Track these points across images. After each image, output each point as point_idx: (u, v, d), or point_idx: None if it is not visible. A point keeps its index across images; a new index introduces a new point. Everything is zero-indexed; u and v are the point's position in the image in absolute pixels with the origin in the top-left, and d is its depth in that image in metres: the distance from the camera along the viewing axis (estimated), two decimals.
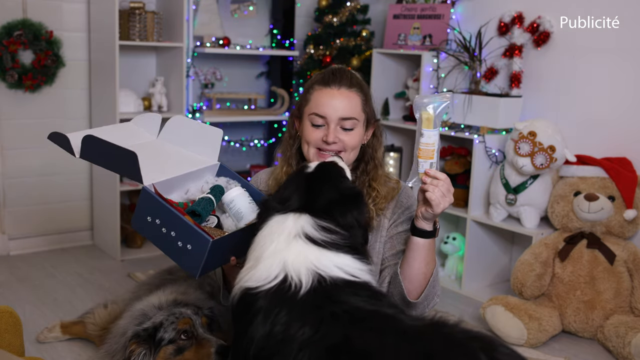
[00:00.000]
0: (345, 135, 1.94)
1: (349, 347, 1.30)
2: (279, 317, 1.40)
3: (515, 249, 3.68)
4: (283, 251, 1.53)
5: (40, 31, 3.57)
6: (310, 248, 1.54)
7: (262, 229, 1.61)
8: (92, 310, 2.72)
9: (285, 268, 1.49)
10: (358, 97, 1.95)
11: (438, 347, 1.28)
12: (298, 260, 1.50)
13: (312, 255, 1.52)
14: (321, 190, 1.66)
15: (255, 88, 4.46)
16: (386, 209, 2.03)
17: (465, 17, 3.78)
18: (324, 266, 1.50)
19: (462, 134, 3.48)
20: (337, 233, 1.58)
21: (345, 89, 1.94)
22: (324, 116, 1.93)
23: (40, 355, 2.57)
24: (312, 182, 1.69)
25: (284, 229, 1.57)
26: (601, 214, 3.02)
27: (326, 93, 1.94)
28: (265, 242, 1.57)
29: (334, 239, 1.56)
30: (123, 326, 2.11)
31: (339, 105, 1.92)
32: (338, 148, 1.94)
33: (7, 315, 1.85)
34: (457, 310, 3.30)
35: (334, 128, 1.93)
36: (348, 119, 1.93)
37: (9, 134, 3.67)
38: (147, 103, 3.89)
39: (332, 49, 4.21)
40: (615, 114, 3.24)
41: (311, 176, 1.72)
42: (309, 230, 1.55)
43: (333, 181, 1.71)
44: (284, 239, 1.55)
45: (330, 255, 1.53)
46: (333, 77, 1.95)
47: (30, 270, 3.51)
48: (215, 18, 4.07)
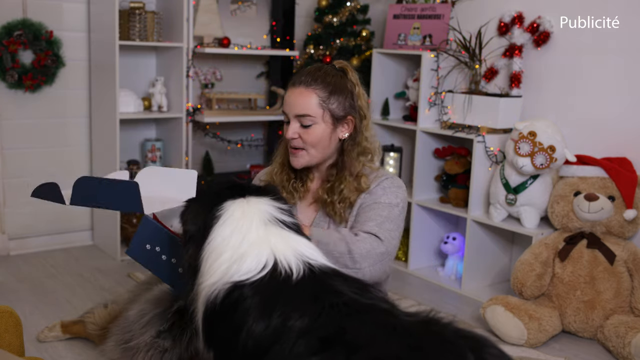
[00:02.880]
0: (304, 132, 2.07)
1: (342, 339, 1.31)
2: (277, 308, 1.39)
3: (515, 249, 3.68)
4: (266, 237, 1.52)
5: (40, 31, 3.57)
6: (286, 232, 1.56)
7: (223, 215, 1.58)
8: (92, 310, 2.71)
9: (274, 255, 1.48)
10: (315, 94, 2.05)
11: (427, 344, 1.28)
12: (283, 247, 1.51)
13: (291, 241, 1.53)
14: (247, 187, 1.71)
15: (255, 88, 4.46)
16: (358, 198, 2.10)
17: (465, 17, 3.78)
18: (304, 252, 1.52)
19: (462, 134, 3.48)
20: (293, 215, 1.63)
21: (303, 87, 2.07)
22: (286, 113, 2.10)
23: (40, 355, 2.57)
24: (235, 186, 1.73)
25: (252, 213, 1.57)
26: (601, 214, 3.02)
27: (290, 92, 2.10)
28: (241, 229, 1.54)
29: (293, 221, 1.61)
30: (142, 309, 2.03)
31: (294, 102, 2.07)
32: (300, 144, 2.08)
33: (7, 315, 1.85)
34: (457, 310, 3.30)
35: (293, 125, 2.08)
36: (303, 116, 2.06)
37: (9, 134, 3.67)
38: (147, 103, 3.89)
39: (332, 49, 4.21)
40: (615, 114, 3.24)
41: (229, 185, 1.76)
42: (277, 214, 1.59)
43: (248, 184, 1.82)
44: (260, 225, 1.55)
45: (300, 239, 1.57)
46: (299, 77, 2.09)
47: (30, 270, 3.51)
48: (215, 18, 4.07)
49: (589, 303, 2.95)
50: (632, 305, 2.94)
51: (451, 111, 3.61)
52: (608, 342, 2.84)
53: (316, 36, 4.26)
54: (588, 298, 2.95)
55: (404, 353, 1.25)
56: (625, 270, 2.96)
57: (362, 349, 1.27)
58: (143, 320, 1.98)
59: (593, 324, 2.94)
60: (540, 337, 2.89)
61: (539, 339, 2.89)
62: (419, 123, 3.69)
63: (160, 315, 1.95)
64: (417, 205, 3.74)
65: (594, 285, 2.95)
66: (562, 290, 3.00)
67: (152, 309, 2.00)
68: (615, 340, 2.80)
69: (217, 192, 1.67)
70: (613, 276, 2.94)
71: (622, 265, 2.96)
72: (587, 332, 2.97)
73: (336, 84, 2.08)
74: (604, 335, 2.87)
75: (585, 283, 2.96)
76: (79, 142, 3.91)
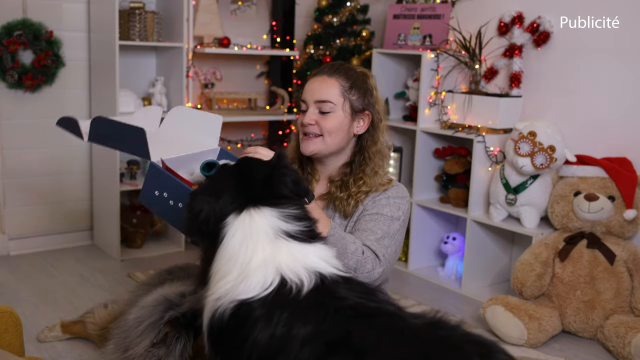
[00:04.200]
0: (322, 119, 2.06)
1: (348, 343, 1.29)
2: (282, 318, 1.38)
3: (515, 249, 3.68)
4: (273, 256, 1.49)
5: (40, 31, 3.57)
6: (294, 246, 1.52)
7: (228, 233, 1.55)
8: (92, 310, 2.71)
9: (280, 272, 1.46)
10: (338, 82, 2.08)
11: (434, 349, 1.27)
12: (291, 261, 1.48)
13: (299, 253, 1.51)
14: (254, 175, 1.64)
15: (255, 88, 4.46)
16: (365, 199, 2.09)
17: (465, 17, 3.78)
18: (315, 262, 1.50)
19: (462, 134, 3.48)
20: (301, 218, 1.58)
21: (325, 76, 2.09)
22: (305, 100, 2.10)
23: (40, 355, 2.57)
24: (241, 173, 1.67)
25: (258, 231, 1.53)
26: (601, 214, 3.02)
27: (311, 81, 2.12)
28: (247, 249, 1.51)
29: (302, 226, 1.57)
30: (139, 317, 2.05)
31: (316, 88, 2.08)
32: (316, 131, 2.07)
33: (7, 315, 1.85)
34: (457, 310, 3.30)
35: (311, 111, 2.08)
36: (323, 102, 2.06)
37: (9, 134, 3.67)
38: (147, 103, 3.89)
39: (332, 49, 4.21)
40: (615, 114, 3.24)
41: (236, 168, 1.70)
42: (283, 226, 1.54)
43: (259, 164, 1.71)
44: (267, 243, 1.51)
45: (310, 248, 1.54)
46: (321, 69, 2.12)
47: (30, 270, 3.51)
48: (215, 18, 4.07)
49: (589, 303, 2.95)
50: (632, 305, 2.94)
51: (451, 111, 3.61)
52: (608, 342, 2.84)
53: (316, 36, 4.26)
54: (588, 298, 2.95)
55: (411, 359, 1.24)
56: (625, 270, 2.96)
57: (368, 354, 1.26)
58: (139, 328, 2.01)
59: (593, 324, 2.95)
60: (540, 337, 2.89)
61: (539, 339, 2.89)
62: (419, 123, 3.69)
63: (154, 324, 1.97)
64: (417, 205, 3.74)
65: (594, 285, 2.95)
66: (562, 290, 3.00)
67: (147, 316, 2.03)
68: (615, 340, 2.80)
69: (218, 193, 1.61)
70: (613, 276, 2.94)
71: (622, 265, 2.96)
72: (587, 332, 2.97)
73: (358, 79, 2.11)
74: (604, 335, 2.87)
75: (585, 283, 2.96)
76: (79, 142, 3.88)
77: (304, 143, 2.10)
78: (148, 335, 1.96)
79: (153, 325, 1.98)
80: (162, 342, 1.94)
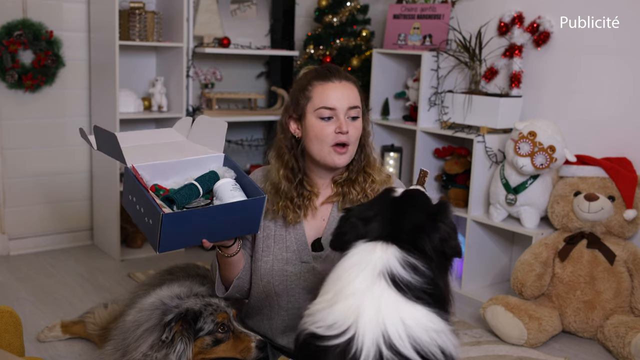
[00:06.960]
0: (352, 126, 1.98)
1: None
2: None
3: (515, 249, 3.68)
4: (362, 294, 1.42)
5: (40, 31, 3.57)
6: (391, 294, 1.42)
7: (348, 255, 1.51)
8: (92, 310, 2.71)
9: (356, 323, 1.39)
10: (356, 87, 2.03)
11: None
12: (372, 316, 1.39)
13: (389, 305, 1.41)
14: (407, 215, 1.57)
15: (255, 88, 4.46)
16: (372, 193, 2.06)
17: (465, 17, 3.78)
18: (393, 329, 1.38)
19: (462, 134, 3.48)
20: (423, 275, 1.47)
21: (345, 81, 2.00)
22: (334, 108, 1.95)
23: (40, 355, 2.57)
24: (398, 208, 1.60)
25: (369, 262, 1.48)
26: (601, 214, 3.02)
27: (330, 86, 1.97)
28: (350, 275, 1.46)
29: (417, 282, 1.45)
30: (137, 320, 2.05)
31: (344, 95, 1.97)
32: (348, 140, 1.97)
33: (7, 315, 1.85)
34: (457, 310, 3.30)
35: (344, 118, 1.96)
36: (354, 108, 1.98)
37: (9, 134, 3.67)
38: (147, 103, 3.89)
39: (332, 49, 4.21)
40: (615, 114, 3.24)
41: (397, 201, 1.64)
42: (395, 269, 1.45)
43: (419, 206, 1.62)
44: (367, 275, 1.45)
45: (407, 307, 1.42)
46: (330, 72, 2.01)
47: (30, 270, 3.51)
48: (215, 18, 4.07)
49: (589, 303, 2.95)
50: (632, 305, 2.94)
51: (451, 111, 3.61)
52: (608, 342, 2.85)
53: (316, 36, 4.25)
54: (588, 298, 2.95)
55: None
56: (625, 270, 2.96)
57: None
58: (137, 332, 2.01)
59: (593, 324, 2.95)
60: (540, 337, 2.89)
61: (539, 339, 2.89)
62: (419, 123, 3.69)
63: (151, 330, 1.98)
64: None
65: (594, 285, 2.95)
66: (562, 290, 3.00)
67: (145, 320, 2.03)
68: (615, 340, 2.80)
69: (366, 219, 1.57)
70: (613, 276, 2.94)
71: (622, 265, 2.96)
72: (587, 332, 2.97)
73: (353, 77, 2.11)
74: (604, 335, 2.87)
75: (585, 283, 2.96)
76: (79, 142, 3.91)
77: (338, 156, 1.97)
78: (145, 340, 1.96)
79: (150, 330, 1.98)
80: (170, 341, 1.93)
